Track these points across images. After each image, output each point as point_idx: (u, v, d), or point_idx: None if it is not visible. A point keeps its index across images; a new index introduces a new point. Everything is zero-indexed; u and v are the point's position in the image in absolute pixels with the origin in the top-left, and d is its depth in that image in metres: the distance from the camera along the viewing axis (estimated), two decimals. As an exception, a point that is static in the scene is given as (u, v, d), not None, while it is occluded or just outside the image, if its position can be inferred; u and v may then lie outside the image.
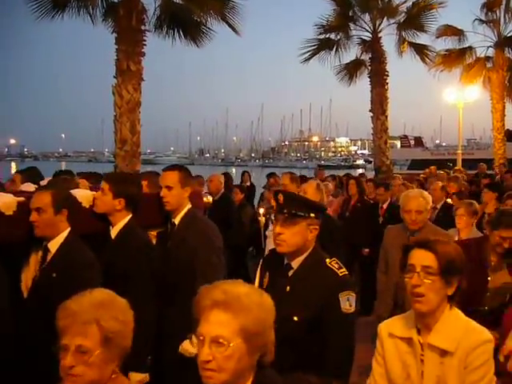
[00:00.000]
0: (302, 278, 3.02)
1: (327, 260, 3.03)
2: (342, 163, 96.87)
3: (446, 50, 21.78)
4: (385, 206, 8.60)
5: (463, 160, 23.14)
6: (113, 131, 11.92)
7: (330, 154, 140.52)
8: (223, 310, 1.78)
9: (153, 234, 4.23)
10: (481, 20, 22.44)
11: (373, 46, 18.12)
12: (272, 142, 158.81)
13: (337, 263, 3.04)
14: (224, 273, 3.64)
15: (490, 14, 22.41)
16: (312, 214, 3.04)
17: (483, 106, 23.30)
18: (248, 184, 13.31)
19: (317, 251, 3.10)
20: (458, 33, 21.87)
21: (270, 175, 12.01)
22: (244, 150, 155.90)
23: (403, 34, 18.34)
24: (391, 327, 2.60)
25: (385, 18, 18.16)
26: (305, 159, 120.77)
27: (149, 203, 4.13)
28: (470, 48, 22.37)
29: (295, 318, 2.90)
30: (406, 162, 53.22)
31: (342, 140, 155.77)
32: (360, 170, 68.49)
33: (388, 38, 18.50)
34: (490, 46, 22.55)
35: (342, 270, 3.01)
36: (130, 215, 3.86)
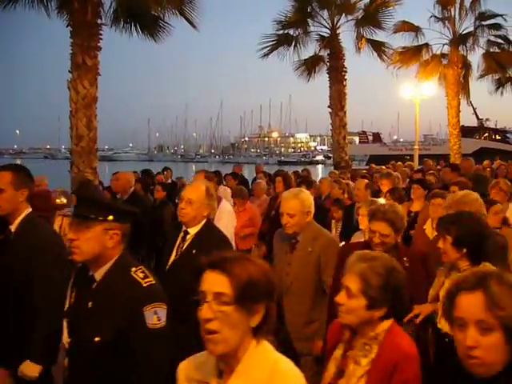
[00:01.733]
0: (105, 291, 2.64)
1: (132, 269, 2.67)
2: (302, 159, 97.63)
3: (403, 47, 22.07)
4: None
5: (420, 155, 23.54)
6: (69, 127, 11.69)
7: (290, 150, 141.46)
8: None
9: None
10: (436, 17, 22.85)
11: (331, 43, 18.25)
12: (232, 138, 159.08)
13: (143, 272, 2.68)
14: (66, 288, 2.92)
15: (444, 11, 22.83)
16: (110, 217, 2.67)
17: (440, 102, 23.75)
18: (170, 181, 12.49)
19: (123, 260, 2.74)
20: (414, 29, 22.17)
21: (144, 172, 11.58)
22: (204, 146, 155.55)
23: (361, 30, 18.54)
24: (190, 369, 2.03)
25: (343, 15, 18.33)
26: (265, 155, 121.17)
27: None
28: (427, 45, 22.72)
29: (97, 339, 2.55)
30: (365, 157, 54.06)
31: (302, 136, 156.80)
32: (320, 166, 69.21)
33: (346, 34, 18.73)
34: (446, 43, 22.99)
35: (147, 280, 2.65)
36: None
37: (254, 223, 8.43)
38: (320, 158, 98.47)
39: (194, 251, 4.02)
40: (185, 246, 4.17)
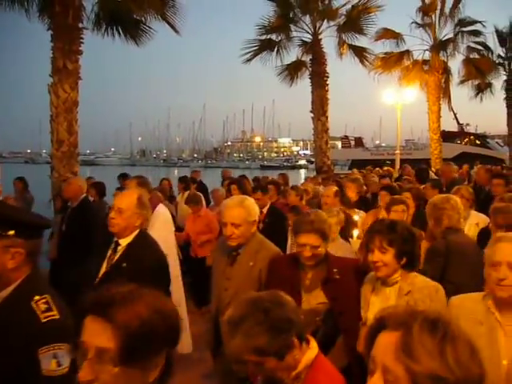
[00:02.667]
0: (1, 323, 2.12)
1: (35, 298, 2.15)
2: (285, 163, 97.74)
3: (385, 53, 22.31)
4: (264, 210, 7.59)
5: (402, 160, 23.71)
6: (49, 132, 11.57)
7: (273, 155, 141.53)
8: None
9: None
10: (417, 24, 23.10)
11: (313, 48, 18.33)
12: (215, 143, 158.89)
13: (46, 303, 2.16)
14: None
15: (425, 17, 23.09)
16: (10, 232, 2.18)
17: (421, 107, 23.99)
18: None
19: (27, 285, 2.21)
20: (396, 36, 22.41)
21: (121, 176, 11.02)
22: (186, 150, 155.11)
23: (343, 36, 18.66)
24: None
25: (325, 21, 18.43)
26: (247, 159, 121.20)
27: None
28: (408, 51, 22.97)
29: None
30: (347, 162, 54.18)
31: (285, 140, 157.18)
32: (302, 171, 69.37)
33: (328, 40, 18.83)
34: (427, 50, 23.24)
35: (48, 314, 2.13)
36: None
37: (211, 229, 8.29)
38: (303, 162, 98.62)
39: (124, 264, 3.77)
40: (115, 259, 3.89)
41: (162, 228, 5.91)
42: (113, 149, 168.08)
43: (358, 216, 7.09)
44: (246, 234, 3.92)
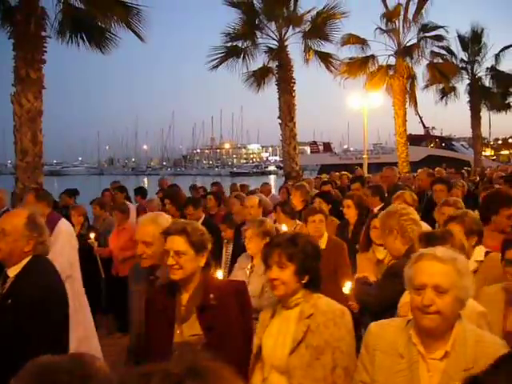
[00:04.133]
0: None
1: None
2: (254, 170, 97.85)
3: (350, 58, 22.53)
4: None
5: (370, 164, 23.95)
6: (13, 142, 11.36)
7: (243, 161, 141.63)
8: None
9: None
10: (381, 29, 23.42)
11: (279, 54, 18.40)
12: (184, 150, 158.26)
13: None
14: None
15: (389, 23, 23.44)
16: None
17: (388, 111, 24.31)
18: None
19: None
20: (361, 41, 22.68)
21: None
22: (155, 158, 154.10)
23: (309, 42, 18.77)
24: None
25: (290, 27, 18.52)
26: (217, 166, 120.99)
27: None
28: (373, 56, 23.26)
29: None
30: (316, 167, 54.57)
31: (254, 147, 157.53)
32: (272, 177, 69.58)
33: (294, 46, 18.91)
34: (391, 55, 23.57)
35: None
36: None
37: (136, 245, 7.56)
38: (272, 168, 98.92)
39: (9, 301, 3.16)
40: (2, 294, 3.25)
41: (66, 246, 5.44)
42: (80, 158, 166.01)
43: (284, 226, 6.31)
44: (159, 253, 3.45)
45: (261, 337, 3.03)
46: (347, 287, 4.30)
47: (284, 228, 6.17)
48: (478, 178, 16.33)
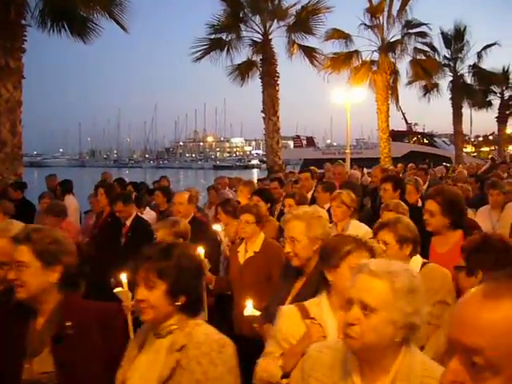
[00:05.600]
0: None
1: None
2: (237, 163, 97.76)
3: (334, 53, 22.52)
4: (128, 222, 6.63)
5: (352, 159, 23.99)
6: (-9, 132, 11.19)
7: (226, 155, 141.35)
8: None
9: None
10: (366, 25, 23.44)
11: (263, 48, 18.37)
12: (166, 143, 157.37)
13: None
14: None
15: (373, 19, 23.45)
16: None
17: (371, 107, 24.35)
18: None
19: None
20: (345, 36, 22.67)
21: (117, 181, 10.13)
22: (137, 150, 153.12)
23: (293, 36, 18.75)
24: None
25: (275, 21, 18.51)
26: (200, 160, 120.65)
27: None
28: (357, 52, 23.25)
29: None
30: (300, 161, 54.59)
31: (237, 140, 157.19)
32: (255, 170, 69.62)
33: (278, 40, 18.93)
34: (375, 50, 23.60)
35: None
36: None
37: None
38: (255, 162, 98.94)
39: None
40: None
41: None
42: (61, 149, 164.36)
43: (219, 226, 5.79)
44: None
45: (125, 372, 2.38)
46: (248, 308, 3.42)
47: (218, 228, 5.76)
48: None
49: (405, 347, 2.00)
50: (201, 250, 4.05)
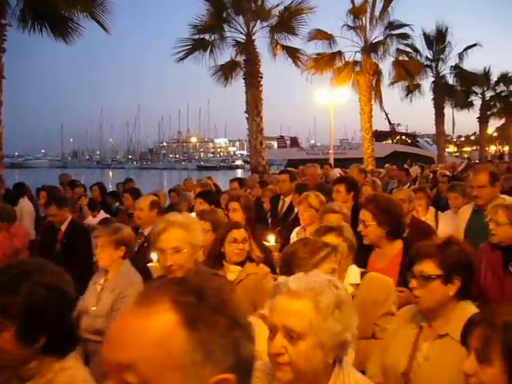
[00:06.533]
0: None
1: None
2: (222, 164, 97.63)
3: (317, 54, 22.57)
4: (63, 227, 6.22)
5: (336, 159, 24.06)
6: (-29, 133, 11.07)
7: (210, 155, 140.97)
8: None
9: None
10: (348, 26, 23.53)
11: (247, 48, 18.36)
12: (150, 144, 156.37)
13: None
14: None
15: (356, 20, 23.55)
16: None
17: (354, 107, 24.44)
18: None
19: None
20: (328, 37, 22.73)
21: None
22: (121, 151, 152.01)
23: (276, 36, 18.77)
24: None
25: (258, 21, 18.51)
26: (184, 160, 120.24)
27: None
28: (340, 52, 23.34)
29: None
30: (284, 161, 54.74)
31: (221, 141, 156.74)
32: (239, 171, 69.62)
33: (262, 40, 18.94)
34: (358, 51, 23.70)
35: None
36: None
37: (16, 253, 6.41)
38: (239, 162, 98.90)
39: None
40: None
41: None
42: (43, 150, 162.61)
43: None
44: None
45: None
46: (154, 257, 3.43)
47: None
48: (431, 175, 14.82)
49: (337, 366, 1.83)
50: (154, 256, 3.65)
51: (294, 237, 5.34)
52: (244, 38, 18.48)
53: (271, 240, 5.11)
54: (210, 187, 7.94)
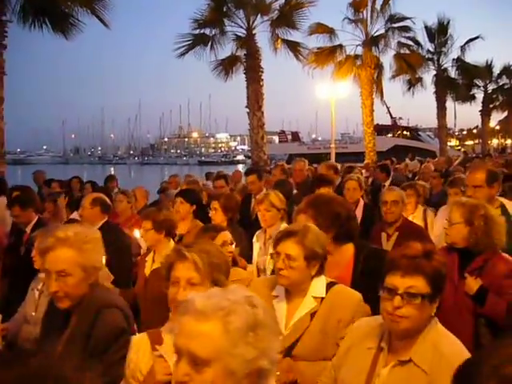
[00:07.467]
0: None
1: None
2: (223, 159, 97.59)
3: (318, 48, 22.51)
4: (28, 229, 5.80)
5: (337, 154, 24.05)
6: (-27, 130, 11.08)
7: (211, 150, 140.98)
8: None
9: None
10: (349, 19, 23.46)
11: (247, 43, 18.30)
12: (151, 139, 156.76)
13: None
14: None
15: (357, 13, 23.48)
16: None
17: (355, 101, 24.41)
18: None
19: None
20: (329, 31, 22.68)
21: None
22: (122, 147, 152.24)
23: (276, 31, 18.70)
24: None
25: (258, 15, 18.44)
26: (185, 156, 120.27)
27: None
28: (341, 46, 23.28)
29: None
30: (285, 156, 54.70)
31: (222, 136, 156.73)
32: (240, 166, 69.58)
33: (262, 34, 18.87)
34: (359, 45, 23.64)
35: None
36: None
37: None
38: (241, 157, 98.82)
39: None
40: None
41: None
42: (45, 147, 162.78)
43: (138, 232, 5.26)
44: None
45: None
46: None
47: (137, 235, 5.32)
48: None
49: None
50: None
51: (255, 241, 5.14)
52: (244, 32, 18.43)
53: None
54: (197, 186, 7.63)
